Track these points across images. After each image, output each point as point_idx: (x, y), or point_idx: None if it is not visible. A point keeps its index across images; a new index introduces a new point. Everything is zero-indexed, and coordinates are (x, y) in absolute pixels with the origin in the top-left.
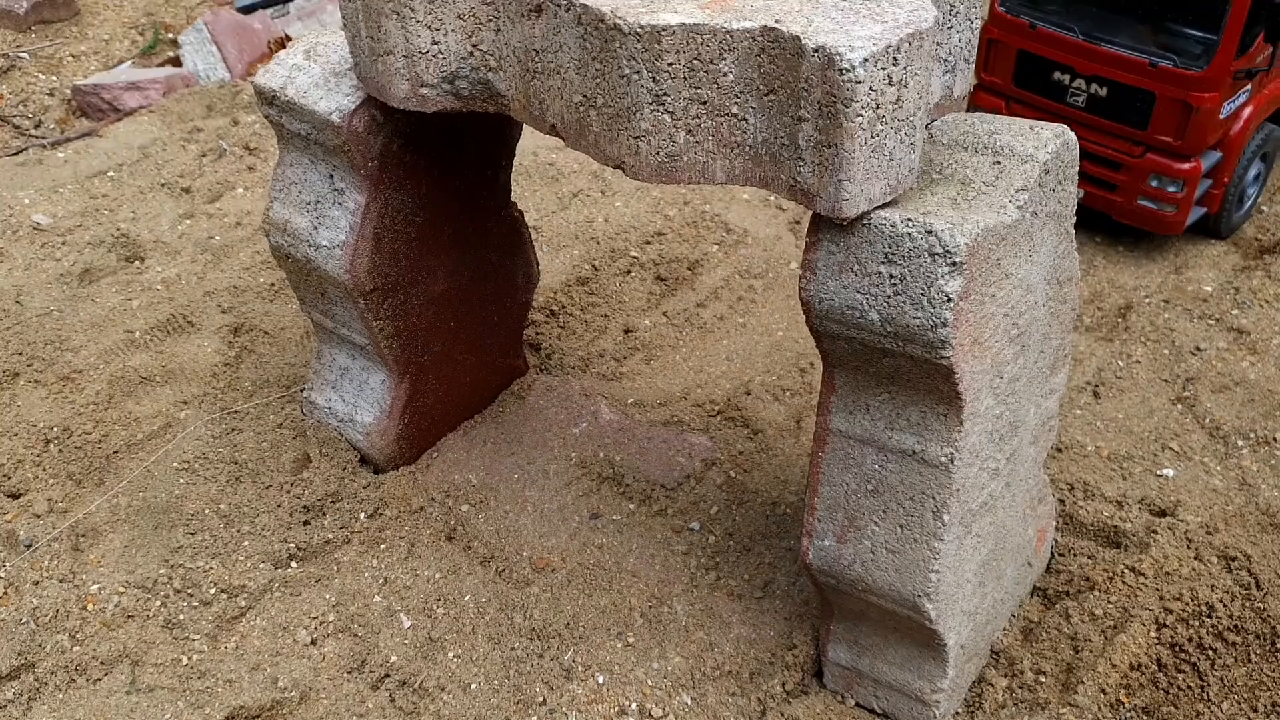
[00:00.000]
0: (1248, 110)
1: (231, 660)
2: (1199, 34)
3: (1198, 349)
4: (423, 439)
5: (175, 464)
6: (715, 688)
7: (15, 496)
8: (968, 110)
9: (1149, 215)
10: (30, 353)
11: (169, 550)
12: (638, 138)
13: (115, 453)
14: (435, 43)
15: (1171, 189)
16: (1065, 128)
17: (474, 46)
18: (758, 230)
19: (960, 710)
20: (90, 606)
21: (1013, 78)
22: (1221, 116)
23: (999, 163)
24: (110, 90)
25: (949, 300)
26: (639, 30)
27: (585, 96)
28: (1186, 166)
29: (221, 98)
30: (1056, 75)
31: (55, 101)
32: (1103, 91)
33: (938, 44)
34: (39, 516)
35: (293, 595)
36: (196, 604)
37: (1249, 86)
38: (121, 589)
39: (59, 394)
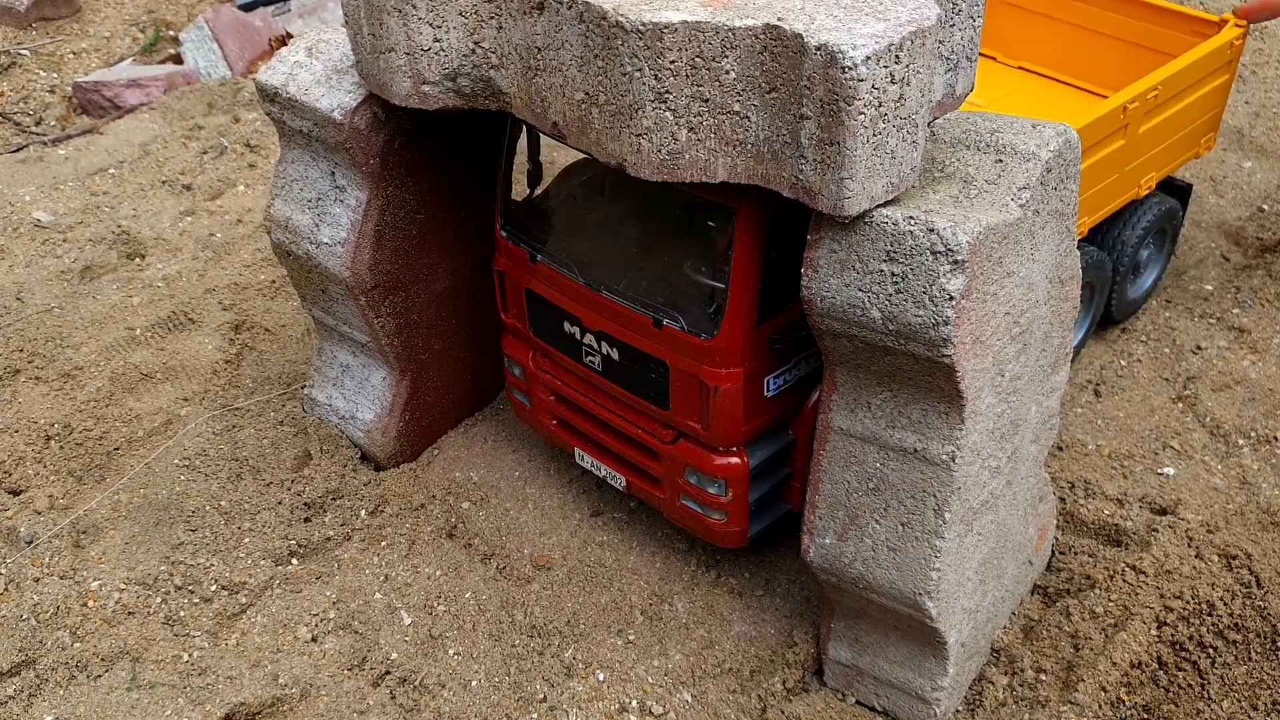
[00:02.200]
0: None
1: (232, 657)
2: (712, 284)
3: (1198, 348)
4: (424, 436)
5: (176, 461)
6: (716, 685)
7: (16, 493)
8: (505, 365)
9: (695, 520)
10: (31, 349)
11: (170, 547)
12: (640, 135)
13: (116, 449)
14: (437, 40)
15: (713, 490)
16: (1068, 126)
17: (476, 44)
18: None
19: (961, 708)
20: (91, 603)
21: (527, 322)
22: (768, 395)
23: (1001, 161)
24: (111, 87)
25: (951, 298)
26: (641, 28)
27: (587, 94)
28: (724, 462)
29: (223, 95)
30: (567, 327)
31: (56, 99)
32: (614, 354)
33: (940, 42)
34: (40, 513)
35: (293, 592)
36: (197, 601)
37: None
38: (122, 585)
39: (60, 391)
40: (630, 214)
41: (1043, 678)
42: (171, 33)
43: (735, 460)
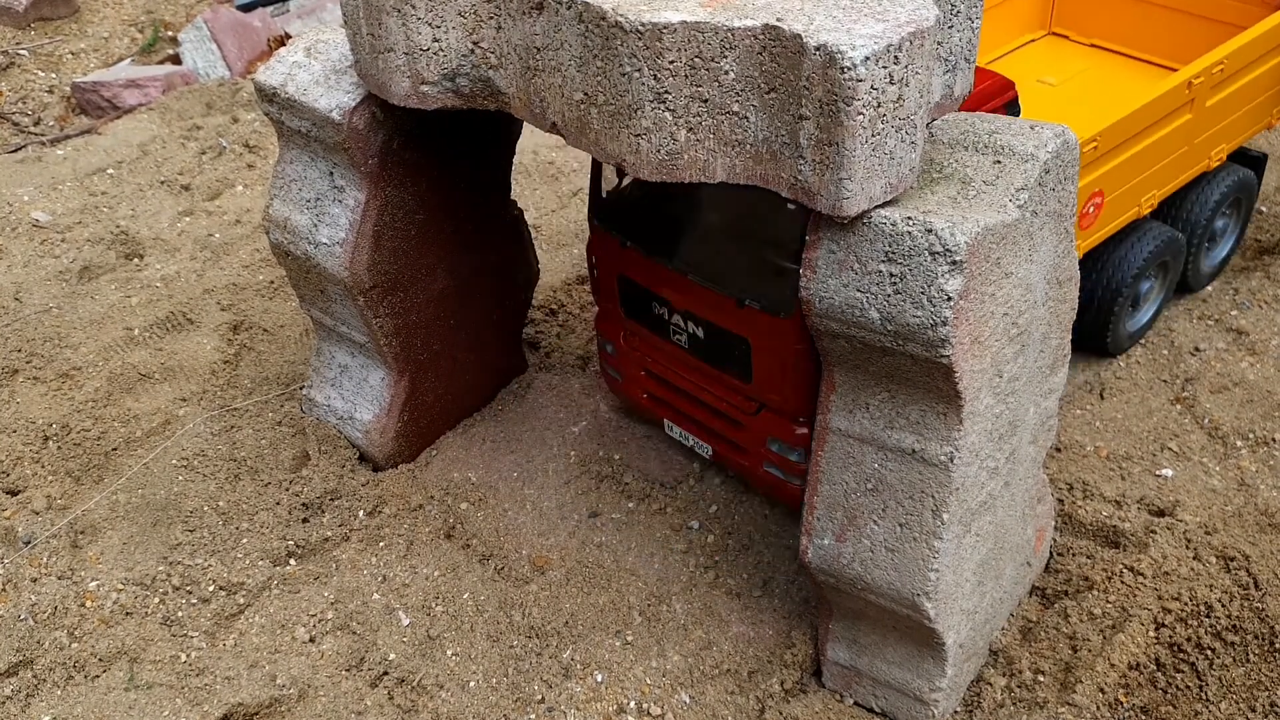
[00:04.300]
0: None
1: (230, 657)
2: (792, 267)
3: (1197, 349)
4: (422, 437)
5: (174, 461)
6: (714, 686)
7: (14, 493)
8: (598, 343)
9: (777, 486)
10: (29, 350)
11: (168, 547)
12: (639, 135)
13: (114, 450)
14: (436, 40)
15: (793, 458)
16: (1066, 127)
17: (475, 44)
18: None
19: (959, 709)
20: (89, 603)
21: (620, 304)
22: None
23: (999, 162)
24: (110, 88)
25: (949, 299)
26: (640, 28)
27: (586, 94)
28: (802, 432)
29: (221, 95)
30: (656, 308)
31: (55, 99)
32: (700, 332)
33: (939, 43)
34: (38, 513)
35: (291, 593)
36: (195, 601)
37: None
38: (120, 586)
39: (58, 391)
40: (712, 200)
41: (1041, 679)
42: (170, 33)
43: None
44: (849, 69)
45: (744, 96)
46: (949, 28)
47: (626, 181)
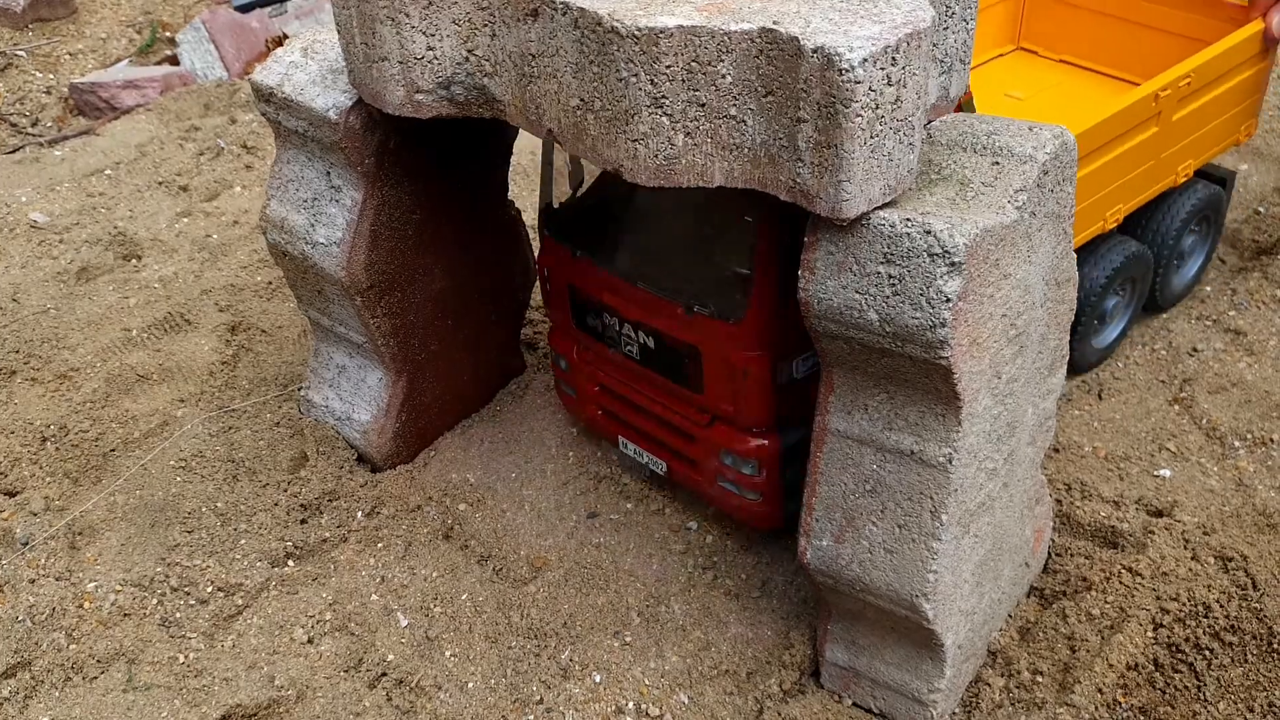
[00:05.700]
0: None
1: (228, 659)
2: (740, 272)
3: (1195, 350)
4: (420, 438)
5: (172, 462)
6: (712, 687)
7: (12, 494)
8: (551, 359)
9: (732, 502)
10: (27, 350)
11: (166, 548)
12: (636, 140)
13: (112, 451)
14: (430, 48)
15: (746, 470)
16: (1064, 128)
17: (469, 52)
18: None
19: (957, 710)
20: (87, 604)
21: (571, 316)
22: (797, 376)
23: (998, 163)
24: (107, 88)
25: (948, 300)
26: (637, 33)
27: (583, 100)
28: (756, 444)
29: (219, 96)
30: (606, 318)
31: (52, 100)
32: (650, 342)
33: (934, 45)
34: (35, 514)
35: (290, 594)
36: (193, 602)
37: None
38: (118, 587)
39: (56, 392)
40: (663, 209)
41: (1039, 679)
42: (168, 34)
43: (767, 441)
44: (847, 71)
45: (741, 100)
46: (944, 29)
47: (580, 190)
